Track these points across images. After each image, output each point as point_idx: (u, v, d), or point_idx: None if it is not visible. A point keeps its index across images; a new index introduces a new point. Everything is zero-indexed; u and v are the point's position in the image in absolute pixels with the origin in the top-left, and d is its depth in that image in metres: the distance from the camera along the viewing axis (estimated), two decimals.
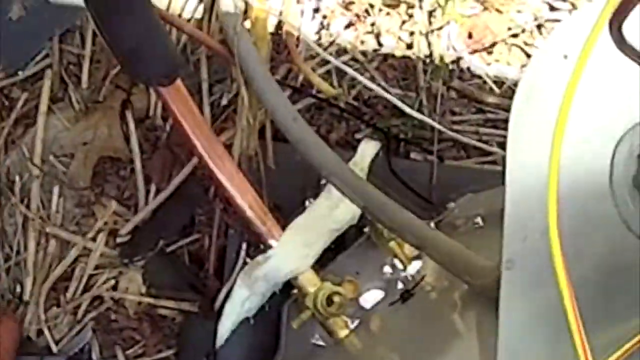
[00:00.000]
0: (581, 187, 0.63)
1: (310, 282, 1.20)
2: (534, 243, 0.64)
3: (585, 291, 0.63)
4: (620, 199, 0.64)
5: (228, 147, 1.32)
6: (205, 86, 1.44)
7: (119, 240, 1.36)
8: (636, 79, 0.67)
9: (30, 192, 1.38)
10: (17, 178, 1.39)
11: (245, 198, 1.23)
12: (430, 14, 1.54)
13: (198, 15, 1.48)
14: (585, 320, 0.61)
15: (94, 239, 1.37)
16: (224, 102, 1.44)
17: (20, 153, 1.40)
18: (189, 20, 1.46)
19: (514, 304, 0.67)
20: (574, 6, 1.67)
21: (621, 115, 0.67)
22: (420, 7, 1.53)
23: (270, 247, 1.22)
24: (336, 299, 1.16)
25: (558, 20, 1.66)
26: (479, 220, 1.15)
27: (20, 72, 1.43)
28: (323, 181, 1.32)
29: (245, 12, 1.45)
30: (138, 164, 1.39)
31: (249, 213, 1.22)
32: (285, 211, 1.31)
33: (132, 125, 1.40)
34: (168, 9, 1.46)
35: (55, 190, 1.38)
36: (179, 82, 1.21)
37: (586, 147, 0.65)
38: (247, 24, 1.44)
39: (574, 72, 0.61)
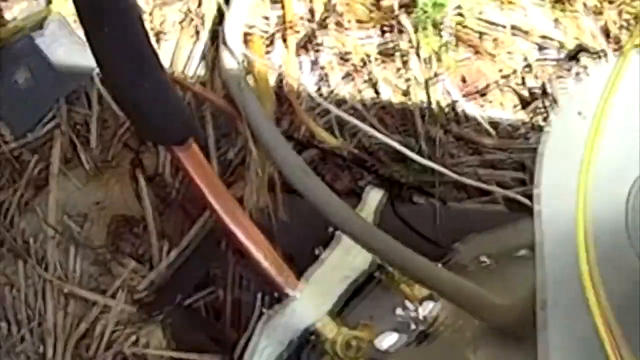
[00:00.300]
0: (601, 228, 0.74)
1: (328, 328, 1.29)
2: (567, 285, 0.75)
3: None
4: (634, 238, 0.76)
5: (238, 200, 1.41)
6: (211, 142, 1.54)
7: (137, 296, 1.46)
8: None
9: (47, 254, 1.47)
10: (31, 240, 1.48)
11: (261, 250, 1.32)
12: (425, 61, 1.65)
13: (201, 72, 1.59)
14: None
15: (112, 297, 1.46)
16: (231, 156, 1.54)
17: (34, 215, 1.50)
18: (192, 78, 1.58)
19: (551, 342, 0.78)
20: (562, 45, 1.80)
21: (634, 162, 0.79)
22: (418, 55, 1.65)
23: (287, 296, 1.31)
24: (354, 343, 1.26)
25: (546, 60, 1.79)
26: (485, 259, 1.28)
27: (29, 135, 1.52)
28: (330, 229, 1.44)
29: (247, 68, 1.56)
30: (151, 221, 1.48)
31: (266, 264, 1.32)
32: (298, 260, 1.39)
33: (142, 183, 1.49)
34: (171, 67, 1.58)
35: (72, 250, 1.47)
36: (191, 140, 1.31)
37: (604, 191, 0.77)
38: (250, 79, 1.55)
39: (594, 129, 0.72)
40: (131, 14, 1.11)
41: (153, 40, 1.57)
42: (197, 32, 1.61)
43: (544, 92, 1.75)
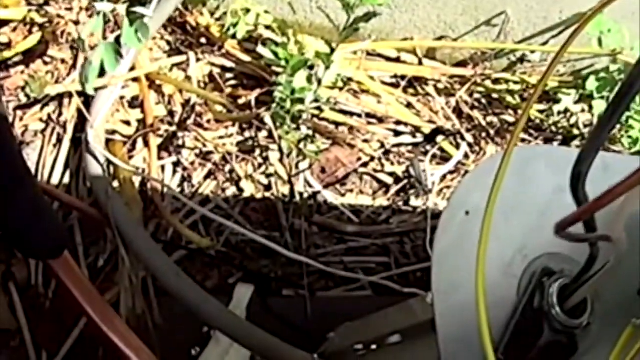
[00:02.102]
0: (497, 319, 0.94)
1: None
2: None
3: None
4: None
5: (113, 306, 1.63)
6: (80, 250, 1.79)
7: None
8: (533, 224, 1.04)
9: None
10: None
11: (141, 357, 1.53)
12: (285, 155, 1.98)
13: (65, 180, 1.85)
14: None
15: None
16: (101, 263, 1.79)
17: None
18: (57, 187, 1.84)
19: None
20: (417, 129, 2.20)
21: (524, 251, 1.01)
22: (279, 150, 1.97)
23: None
24: None
25: (402, 145, 2.17)
26: (359, 347, 1.51)
27: None
28: (206, 329, 1.74)
29: (112, 173, 1.85)
30: (27, 334, 1.70)
31: None
32: None
33: (16, 297, 1.72)
34: (36, 176, 1.82)
35: None
36: (65, 252, 1.55)
37: (499, 285, 0.98)
38: (116, 185, 1.82)
39: (484, 229, 0.91)
40: (1, 127, 1.30)
41: None
42: (60, 140, 1.88)
43: (403, 177, 2.12)
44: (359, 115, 2.15)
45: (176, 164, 1.98)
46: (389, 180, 2.14)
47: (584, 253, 0.93)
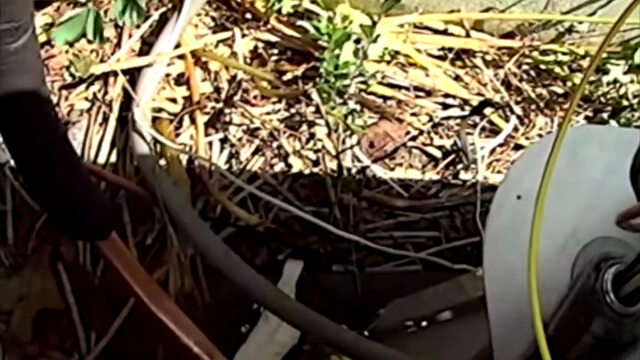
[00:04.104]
0: (546, 296, 0.87)
1: None
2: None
3: None
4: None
5: (162, 285, 1.60)
6: (128, 229, 1.74)
7: None
8: (585, 207, 0.99)
9: None
10: None
11: (191, 336, 1.47)
12: (332, 130, 1.90)
13: (112, 159, 1.81)
14: None
15: None
16: (149, 242, 1.74)
17: None
18: (104, 166, 1.79)
19: None
20: (465, 101, 2.10)
21: (576, 234, 0.97)
22: (326, 125, 1.90)
23: None
24: None
25: (451, 118, 2.09)
26: (410, 323, 1.48)
27: None
28: (255, 306, 1.68)
29: (159, 152, 1.79)
30: (76, 313, 1.66)
31: (197, 350, 1.50)
32: (225, 340, 1.60)
33: (64, 276, 1.68)
34: (82, 156, 1.78)
35: None
36: (113, 232, 1.51)
37: (551, 269, 0.92)
38: (163, 163, 1.77)
39: (537, 212, 0.89)
40: (47, 110, 1.25)
41: None
42: (106, 119, 1.83)
43: (452, 150, 2.04)
44: (407, 89, 2.06)
45: (223, 141, 1.91)
46: (438, 153, 2.05)
47: (637, 237, 0.88)
